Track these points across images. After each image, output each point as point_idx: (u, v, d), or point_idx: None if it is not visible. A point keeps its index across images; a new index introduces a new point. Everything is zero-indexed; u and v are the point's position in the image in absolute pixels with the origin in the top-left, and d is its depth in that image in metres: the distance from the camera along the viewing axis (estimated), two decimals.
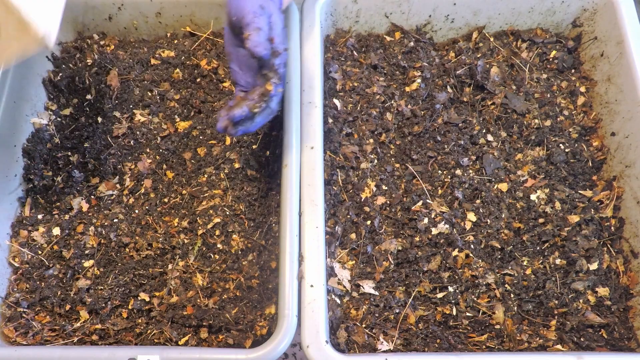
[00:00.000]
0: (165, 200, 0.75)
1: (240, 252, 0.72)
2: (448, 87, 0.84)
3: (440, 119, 0.81)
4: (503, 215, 0.74)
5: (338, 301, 0.68)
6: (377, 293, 0.69)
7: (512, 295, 0.70)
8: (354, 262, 0.71)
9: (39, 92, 0.82)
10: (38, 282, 0.70)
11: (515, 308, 0.69)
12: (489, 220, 0.74)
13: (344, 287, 0.69)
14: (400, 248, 0.72)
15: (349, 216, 0.73)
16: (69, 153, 0.79)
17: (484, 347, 0.66)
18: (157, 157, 0.78)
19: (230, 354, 0.60)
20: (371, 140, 0.79)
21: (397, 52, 0.86)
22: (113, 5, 0.85)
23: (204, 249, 0.72)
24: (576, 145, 0.80)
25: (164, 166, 0.78)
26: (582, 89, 0.85)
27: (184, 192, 0.75)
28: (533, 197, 0.76)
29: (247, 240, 0.73)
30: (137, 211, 0.74)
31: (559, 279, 0.70)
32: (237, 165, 0.77)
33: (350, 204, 0.74)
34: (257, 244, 0.72)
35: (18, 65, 0.77)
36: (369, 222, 0.73)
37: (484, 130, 0.80)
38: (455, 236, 0.71)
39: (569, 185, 0.77)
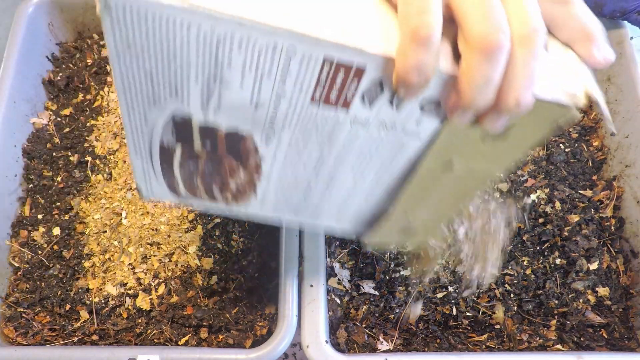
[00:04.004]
0: None
1: (240, 252, 0.72)
2: None
3: None
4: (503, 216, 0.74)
5: (338, 301, 0.68)
6: (377, 293, 0.69)
7: (512, 295, 0.70)
8: (354, 262, 0.71)
9: (39, 92, 0.82)
10: (38, 282, 0.70)
11: (515, 308, 0.69)
12: None
13: (344, 287, 0.69)
14: (400, 247, 0.72)
15: None
16: (69, 153, 0.79)
17: (484, 347, 0.66)
18: None
19: (230, 354, 0.60)
20: None
21: None
22: None
23: (204, 248, 0.72)
24: (576, 145, 0.80)
25: None
26: None
27: None
28: (533, 197, 0.76)
29: (247, 240, 0.73)
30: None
31: (559, 278, 0.70)
32: None
33: None
34: (257, 244, 0.72)
35: (18, 65, 0.77)
36: None
37: None
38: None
39: (569, 185, 0.77)
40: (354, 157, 0.43)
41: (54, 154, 0.79)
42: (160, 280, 0.70)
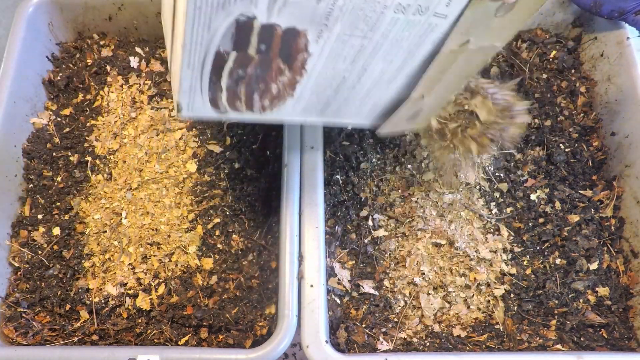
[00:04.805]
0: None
1: (240, 252, 0.72)
2: None
3: None
4: (503, 216, 0.74)
5: (338, 301, 0.68)
6: (377, 293, 0.69)
7: (512, 295, 0.70)
8: (354, 262, 0.71)
9: (39, 92, 0.82)
10: (38, 282, 0.70)
11: (515, 308, 0.69)
12: None
13: (344, 287, 0.69)
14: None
15: (349, 216, 0.73)
16: (69, 153, 0.79)
17: (484, 347, 0.66)
18: None
19: (230, 354, 0.60)
20: (371, 140, 0.79)
21: None
22: (113, 5, 0.85)
23: (204, 248, 0.72)
24: (576, 145, 0.80)
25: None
26: (582, 89, 0.85)
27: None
28: (533, 197, 0.76)
29: (247, 240, 0.73)
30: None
31: (559, 278, 0.70)
32: (237, 165, 0.77)
33: (350, 204, 0.74)
34: (257, 244, 0.72)
35: (18, 65, 0.77)
36: (369, 222, 0.73)
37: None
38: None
39: (569, 185, 0.77)
40: (388, 45, 0.50)
41: (54, 154, 0.79)
42: (160, 280, 0.70)
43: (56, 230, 0.73)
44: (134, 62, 0.86)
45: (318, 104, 0.57)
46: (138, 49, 0.87)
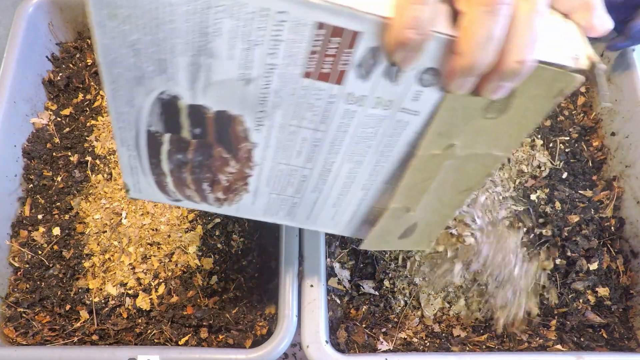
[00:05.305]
0: None
1: (240, 252, 0.72)
2: None
3: None
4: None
5: (338, 301, 0.68)
6: (377, 293, 0.69)
7: None
8: (354, 262, 0.71)
9: (39, 92, 0.82)
10: (38, 282, 0.70)
11: None
12: None
13: (344, 287, 0.69)
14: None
15: None
16: (69, 153, 0.79)
17: (484, 347, 0.66)
18: None
19: (230, 354, 0.60)
20: None
21: None
22: None
23: (204, 248, 0.72)
24: (576, 145, 0.80)
25: None
26: (582, 89, 0.85)
27: None
28: (533, 197, 0.76)
29: (247, 240, 0.73)
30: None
31: (559, 279, 0.70)
32: None
33: None
34: (257, 244, 0.72)
35: (18, 65, 0.77)
36: None
37: None
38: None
39: (569, 185, 0.77)
40: (350, 142, 0.41)
41: (54, 154, 0.79)
42: (160, 280, 0.70)
43: (56, 230, 0.73)
44: None
45: (283, 205, 0.49)
46: None
